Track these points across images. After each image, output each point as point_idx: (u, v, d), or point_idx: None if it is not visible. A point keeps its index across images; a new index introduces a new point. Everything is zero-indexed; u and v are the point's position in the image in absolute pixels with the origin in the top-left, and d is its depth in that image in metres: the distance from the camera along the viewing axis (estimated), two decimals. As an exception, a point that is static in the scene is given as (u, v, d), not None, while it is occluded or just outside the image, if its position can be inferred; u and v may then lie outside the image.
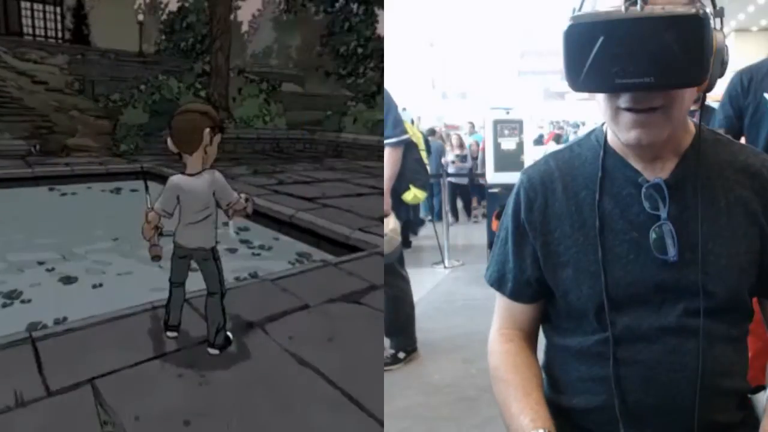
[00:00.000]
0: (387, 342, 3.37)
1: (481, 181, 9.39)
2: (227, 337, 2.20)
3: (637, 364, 1.01)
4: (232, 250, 4.24)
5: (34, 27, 18.41)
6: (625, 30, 0.84)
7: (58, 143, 8.92)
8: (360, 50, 15.78)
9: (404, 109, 3.59)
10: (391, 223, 3.32)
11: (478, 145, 9.82)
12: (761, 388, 1.09)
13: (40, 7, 18.55)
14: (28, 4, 18.33)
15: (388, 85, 3.71)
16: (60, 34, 18.97)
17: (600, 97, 0.96)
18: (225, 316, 2.17)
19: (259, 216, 4.98)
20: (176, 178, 2.08)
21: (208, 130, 2.05)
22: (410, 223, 6.79)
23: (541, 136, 12.56)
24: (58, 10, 19.03)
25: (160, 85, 11.17)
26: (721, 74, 0.93)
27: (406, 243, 6.82)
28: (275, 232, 4.79)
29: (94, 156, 8.67)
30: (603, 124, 1.10)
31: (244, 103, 12.11)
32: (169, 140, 2.06)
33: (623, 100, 0.92)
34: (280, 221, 4.82)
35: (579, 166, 1.09)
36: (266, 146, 11.53)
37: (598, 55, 0.85)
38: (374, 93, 13.70)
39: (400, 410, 2.81)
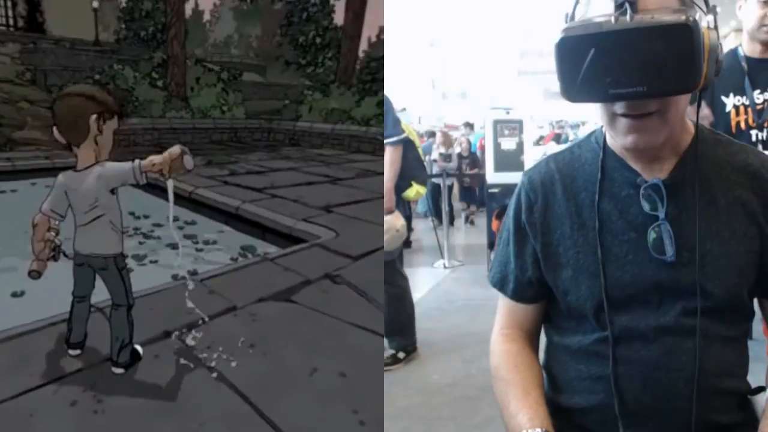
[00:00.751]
0: (386, 342, 3.37)
1: (468, 182, 9.09)
2: (135, 352, 1.98)
3: (635, 363, 1.01)
4: (174, 246, 4.13)
5: None
6: (615, 41, 0.85)
7: (3, 137, 8.62)
8: (318, 40, 15.94)
9: (404, 109, 3.60)
10: (400, 221, 3.37)
11: (469, 143, 9.72)
12: (761, 389, 1.09)
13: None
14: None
15: (388, 85, 3.72)
16: (12, 22, 18.12)
17: (598, 103, 0.96)
18: (132, 330, 1.95)
19: (206, 208, 5.04)
20: (63, 175, 1.83)
21: (94, 116, 1.76)
22: (409, 219, 6.81)
23: (541, 138, 12.55)
24: (8, -3, 18.09)
25: (114, 75, 10.84)
26: (717, 73, 0.93)
27: (406, 243, 6.84)
28: (222, 225, 4.77)
29: (43, 150, 8.21)
30: (602, 126, 1.10)
31: (201, 93, 11.91)
32: (54, 129, 1.78)
33: (619, 106, 0.93)
34: (227, 213, 4.80)
35: (579, 168, 1.10)
36: (224, 136, 11.44)
37: (590, 67, 0.86)
38: (331, 82, 13.74)
39: (400, 410, 2.81)
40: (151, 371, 1.97)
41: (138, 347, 2.04)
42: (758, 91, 1.99)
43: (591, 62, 0.85)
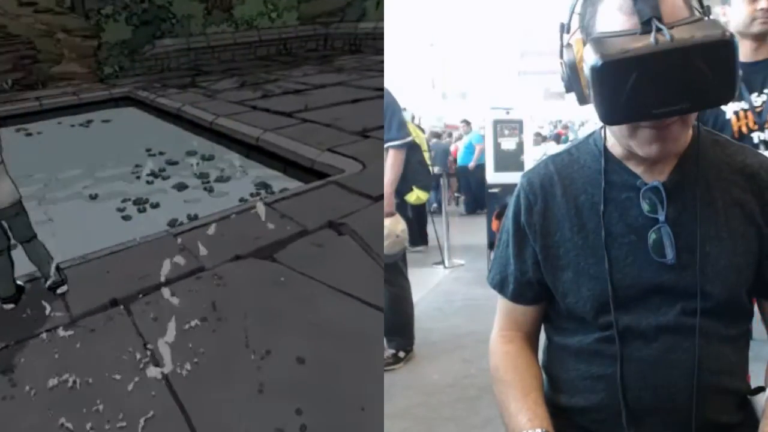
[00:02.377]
0: (386, 342, 3.37)
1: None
2: (21, 288, 2.12)
3: (635, 362, 1.02)
4: (182, 187, 4.04)
5: None
6: (658, 62, 0.83)
7: (43, 73, 8.22)
8: None
9: (404, 110, 3.58)
10: (400, 225, 3.34)
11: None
12: (761, 389, 1.09)
13: None
14: None
15: (388, 85, 3.71)
16: None
17: None
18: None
19: (227, 139, 4.66)
20: None
21: None
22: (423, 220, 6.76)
23: (543, 138, 12.54)
24: None
25: None
26: None
27: (423, 240, 6.80)
28: (243, 158, 4.41)
29: (75, 84, 7.92)
30: (601, 128, 1.10)
31: (246, 1, 10.20)
32: None
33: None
34: (248, 144, 4.40)
35: (578, 170, 1.10)
36: (270, 49, 9.95)
37: (632, 90, 0.84)
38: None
39: (400, 410, 2.81)
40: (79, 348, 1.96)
41: (20, 283, 2.16)
42: (755, 94, 2.00)
43: (633, 85, 0.84)
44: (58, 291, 2.14)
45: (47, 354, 1.94)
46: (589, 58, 0.86)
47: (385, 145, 3.34)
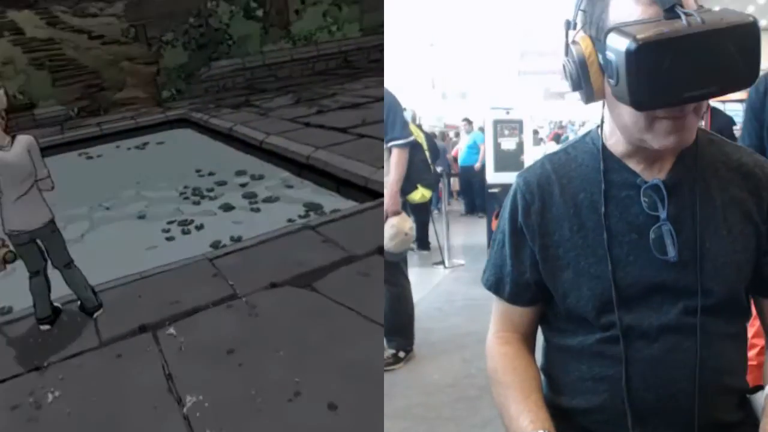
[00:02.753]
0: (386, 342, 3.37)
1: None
2: (57, 309, 2.17)
3: (638, 362, 1.02)
4: (228, 208, 4.04)
5: None
6: (692, 44, 0.84)
7: (107, 100, 8.64)
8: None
9: (404, 110, 3.58)
10: (408, 223, 3.35)
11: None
12: (759, 388, 1.10)
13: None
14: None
15: (388, 85, 3.71)
16: None
17: (630, 108, 0.92)
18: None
19: (277, 158, 4.52)
20: None
21: (1, 91, 1.91)
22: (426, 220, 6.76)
23: (540, 139, 12.52)
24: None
25: (209, 14, 9.79)
26: None
27: (425, 245, 6.82)
28: (294, 177, 4.28)
29: (134, 109, 8.18)
30: (598, 127, 1.10)
31: (305, 15, 10.15)
32: None
33: (662, 111, 0.92)
34: (299, 163, 4.24)
35: (575, 169, 1.10)
36: (330, 63, 9.84)
37: (668, 72, 0.85)
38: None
39: (400, 410, 2.81)
40: (102, 376, 1.96)
41: (58, 305, 2.21)
42: None
43: (668, 68, 0.84)
44: (94, 315, 2.18)
45: (74, 378, 1.94)
46: (620, 43, 0.86)
47: (388, 145, 3.35)
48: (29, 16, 11.52)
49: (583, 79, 0.97)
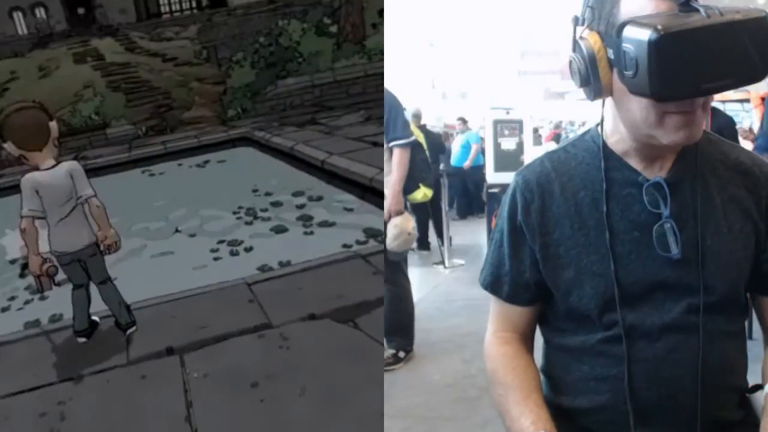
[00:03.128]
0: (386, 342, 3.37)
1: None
2: (95, 322, 2.27)
3: (641, 361, 1.02)
4: (281, 230, 3.91)
5: (170, 4, 17.95)
6: (712, 36, 0.85)
7: (174, 119, 8.82)
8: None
9: (404, 110, 3.59)
10: (411, 222, 3.36)
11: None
12: (758, 386, 1.10)
13: (173, -18, 17.79)
14: (162, -17, 17.62)
15: (388, 85, 3.71)
16: (194, 4, 18.08)
17: (640, 104, 0.93)
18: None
19: (339, 179, 4.36)
20: (31, 175, 2.02)
21: (53, 122, 2.03)
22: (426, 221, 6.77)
23: (539, 136, 12.50)
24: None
25: (279, 32, 9.77)
26: None
27: (425, 245, 6.84)
28: (356, 200, 4.10)
29: (199, 128, 8.25)
30: (597, 125, 1.10)
31: (381, 29, 9.65)
32: (8, 145, 1.97)
33: (672, 105, 0.92)
34: (362, 185, 4.04)
35: (576, 167, 1.09)
36: None
37: (687, 63, 0.86)
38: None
39: (400, 410, 2.81)
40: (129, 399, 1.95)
41: (95, 318, 2.29)
42: None
43: (689, 58, 0.85)
44: (127, 332, 2.24)
45: (99, 393, 1.95)
46: (640, 34, 0.86)
47: (390, 144, 3.36)
48: (110, 43, 12.52)
49: (592, 75, 0.96)
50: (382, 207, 3.52)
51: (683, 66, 0.85)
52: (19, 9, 16.60)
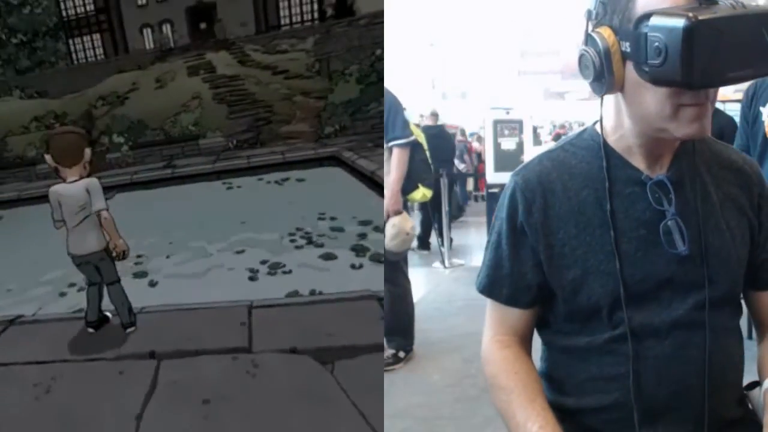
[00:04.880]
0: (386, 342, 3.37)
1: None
2: (106, 317, 2.51)
3: (649, 359, 1.02)
4: (329, 257, 3.84)
5: (291, 15, 17.81)
6: (738, 26, 0.88)
7: (272, 133, 8.76)
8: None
9: (404, 110, 3.59)
10: (409, 222, 3.36)
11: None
12: (756, 383, 1.11)
13: (296, -6, 17.70)
14: (285, -5, 17.62)
15: (388, 85, 3.71)
16: (315, 16, 17.80)
17: (657, 96, 0.94)
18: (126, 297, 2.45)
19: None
20: (54, 188, 2.35)
21: (89, 149, 2.36)
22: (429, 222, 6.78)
23: (541, 141, 12.51)
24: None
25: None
26: None
27: (426, 245, 6.85)
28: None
29: (290, 143, 8.16)
30: (594, 124, 1.10)
31: None
32: (48, 157, 2.32)
33: (688, 97, 0.93)
34: None
35: (576, 165, 1.09)
36: None
37: (715, 52, 0.88)
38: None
39: (400, 410, 2.81)
40: None
41: (108, 314, 2.53)
42: None
43: (719, 46, 0.87)
44: (127, 331, 2.43)
45: (81, 378, 2.16)
46: (671, 22, 0.87)
47: (389, 144, 3.35)
48: (224, 56, 12.70)
49: (606, 68, 0.97)
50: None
51: (712, 54, 0.87)
52: (149, 26, 18.14)
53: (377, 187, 4.94)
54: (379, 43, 9.66)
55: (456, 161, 9.07)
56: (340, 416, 1.78)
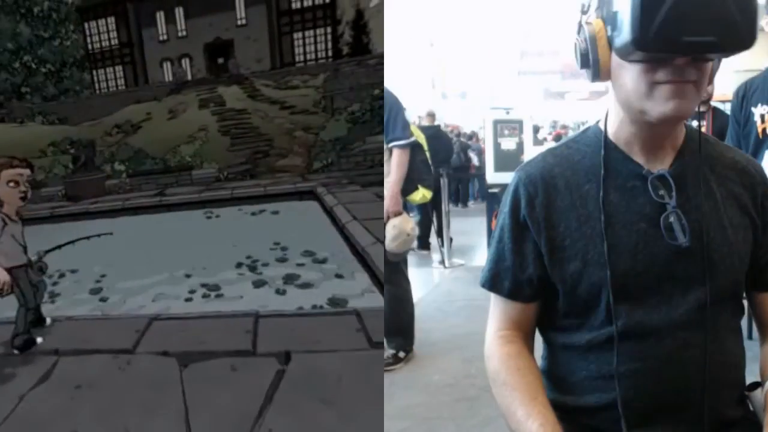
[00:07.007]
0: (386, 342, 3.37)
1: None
2: (31, 340, 2.47)
3: (650, 358, 1.02)
4: (261, 284, 3.88)
5: (305, 53, 18.53)
6: None
7: (267, 166, 8.92)
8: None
9: (404, 110, 3.58)
10: (410, 223, 3.36)
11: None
12: (757, 384, 1.10)
13: (311, 33, 18.46)
14: (301, 34, 18.41)
15: (388, 85, 3.71)
16: (330, 54, 18.52)
17: (632, 74, 0.96)
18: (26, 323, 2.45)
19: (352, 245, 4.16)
20: None
21: None
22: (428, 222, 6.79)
23: (541, 138, 12.52)
24: (329, 30, 18.53)
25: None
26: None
27: (425, 246, 6.85)
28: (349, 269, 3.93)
29: (277, 177, 8.31)
30: (598, 122, 1.11)
31: None
32: None
33: (662, 74, 0.93)
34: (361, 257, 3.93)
35: (580, 160, 1.10)
36: None
37: (668, 14, 0.87)
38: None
39: (400, 410, 2.81)
40: None
41: (38, 339, 2.50)
42: None
43: (670, 10, 0.87)
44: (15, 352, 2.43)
45: (75, 364, 2.26)
46: None
47: (389, 145, 3.35)
48: (235, 90, 13.09)
49: (592, 54, 0.98)
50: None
51: (665, 17, 0.87)
52: (169, 59, 19.14)
53: (334, 222, 5.16)
54: (380, 83, 9.45)
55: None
56: (341, 416, 1.79)
